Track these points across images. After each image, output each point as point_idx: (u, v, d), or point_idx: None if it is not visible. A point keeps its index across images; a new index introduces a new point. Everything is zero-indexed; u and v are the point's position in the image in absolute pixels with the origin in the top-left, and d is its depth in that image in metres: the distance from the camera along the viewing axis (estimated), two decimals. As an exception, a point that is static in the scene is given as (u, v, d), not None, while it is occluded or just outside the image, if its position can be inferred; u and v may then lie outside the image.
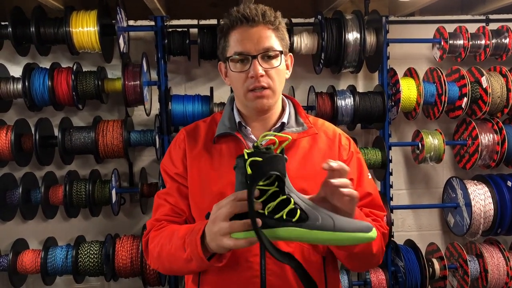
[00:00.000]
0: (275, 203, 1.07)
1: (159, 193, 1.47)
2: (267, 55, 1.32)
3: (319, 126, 1.47)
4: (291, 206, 1.07)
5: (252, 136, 1.41)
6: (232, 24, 1.34)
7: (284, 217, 1.06)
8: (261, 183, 1.07)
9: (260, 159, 1.05)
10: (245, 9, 1.34)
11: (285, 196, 1.07)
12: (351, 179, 1.27)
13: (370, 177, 1.47)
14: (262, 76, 1.31)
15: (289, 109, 1.46)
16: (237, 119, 1.43)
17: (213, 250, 1.16)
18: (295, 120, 1.44)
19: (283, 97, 1.49)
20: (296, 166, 1.36)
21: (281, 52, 1.35)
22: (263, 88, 1.33)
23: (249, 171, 1.05)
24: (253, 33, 1.32)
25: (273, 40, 1.33)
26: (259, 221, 1.04)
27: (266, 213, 1.07)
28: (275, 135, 1.18)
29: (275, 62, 1.33)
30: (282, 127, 1.42)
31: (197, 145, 1.44)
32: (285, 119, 1.42)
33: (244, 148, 1.33)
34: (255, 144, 1.10)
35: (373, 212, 1.41)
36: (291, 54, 1.45)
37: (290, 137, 1.16)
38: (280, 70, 1.35)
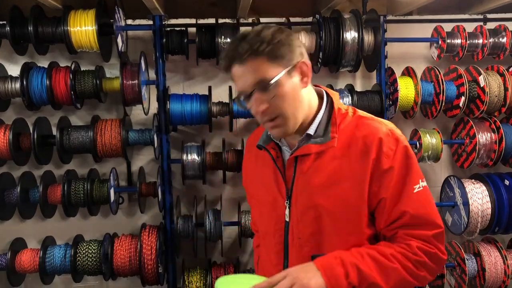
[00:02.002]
0: None
1: None
2: (262, 87, 1.24)
3: (359, 131, 1.31)
4: None
5: (284, 147, 1.40)
6: (227, 65, 1.30)
7: None
8: None
9: None
10: (229, 48, 1.27)
11: None
12: (382, 198, 1.27)
13: (419, 188, 1.29)
14: (264, 111, 1.26)
15: (321, 115, 1.35)
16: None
17: None
18: (324, 128, 1.33)
19: (324, 94, 1.39)
20: (319, 181, 1.31)
21: (269, 84, 1.24)
22: (272, 119, 1.28)
23: None
24: (243, 71, 1.25)
25: (265, 69, 1.24)
26: None
27: None
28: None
29: (274, 90, 1.24)
30: (309, 138, 1.34)
31: (251, 154, 1.52)
32: (311, 130, 1.33)
33: (273, 160, 1.39)
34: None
35: (410, 233, 1.27)
36: (304, 60, 1.30)
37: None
38: (285, 94, 1.25)
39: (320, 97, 1.38)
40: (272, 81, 1.24)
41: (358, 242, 1.31)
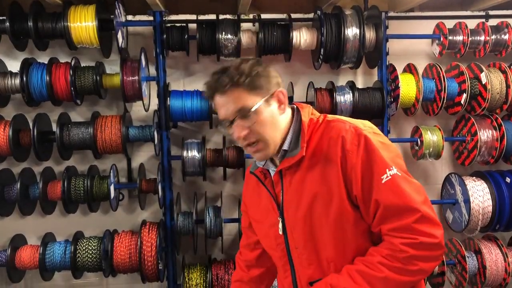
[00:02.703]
0: None
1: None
2: (243, 115, 1.34)
3: (323, 134, 1.38)
4: None
5: (272, 169, 1.48)
6: (209, 95, 1.40)
7: None
8: None
9: None
10: (211, 79, 1.38)
11: None
12: (355, 196, 1.30)
13: (387, 178, 1.28)
14: (245, 137, 1.36)
15: (292, 131, 1.43)
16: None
17: None
18: (295, 142, 1.41)
19: (295, 110, 1.46)
20: (302, 191, 1.38)
21: (249, 111, 1.33)
22: (252, 144, 1.37)
23: None
24: (223, 101, 1.36)
25: (245, 99, 1.34)
26: None
27: None
28: None
29: (253, 117, 1.34)
30: (285, 153, 1.42)
31: (249, 179, 1.59)
32: (286, 146, 1.42)
33: (261, 182, 1.49)
34: None
35: (391, 227, 1.27)
36: (280, 90, 1.40)
37: None
38: (263, 120, 1.35)
39: (293, 114, 1.46)
40: (252, 109, 1.34)
41: (354, 242, 1.34)
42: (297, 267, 1.45)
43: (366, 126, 1.37)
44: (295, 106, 1.47)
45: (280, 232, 1.44)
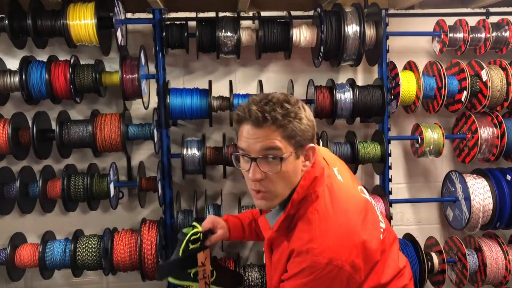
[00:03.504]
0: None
1: None
2: (268, 158, 1.26)
3: (294, 224, 1.37)
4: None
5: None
6: (239, 119, 1.30)
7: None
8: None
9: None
10: (252, 106, 1.26)
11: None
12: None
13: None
14: (260, 180, 1.28)
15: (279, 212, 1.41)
16: None
17: None
18: (276, 211, 1.44)
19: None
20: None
21: (281, 159, 1.26)
22: (261, 191, 1.31)
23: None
24: (255, 134, 1.26)
25: (277, 143, 1.26)
26: None
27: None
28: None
29: (277, 167, 1.27)
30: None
31: None
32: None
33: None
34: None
35: None
36: (312, 145, 1.34)
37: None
38: (284, 173, 1.28)
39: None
40: (283, 156, 1.25)
41: None
42: None
43: (323, 247, 1.30)
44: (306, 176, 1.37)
45: None
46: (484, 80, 2.64)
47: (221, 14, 2.56)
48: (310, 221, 1.33)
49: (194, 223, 1.79)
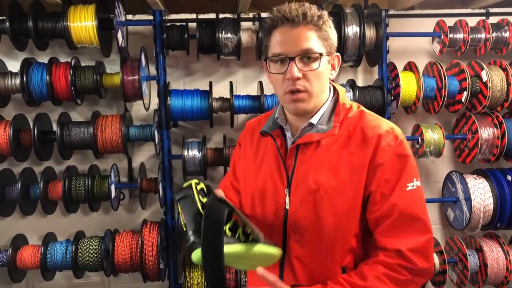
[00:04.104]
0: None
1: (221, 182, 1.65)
2: (306, 56, 1.28)
3: (360, 124, 1.34)
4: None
5: (288, 133, 1.42)
6: (273, 24, 1.30)
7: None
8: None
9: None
10: (286, 8, 1.29)
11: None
12: (371, 192, 1.27)
13: (413, 186, 1.28)
14: (298, 79, 1.28)
15: (326, 107, 1.38)
16: (278, 116, 1.44)
17: None
18: (327, 118, 1.37)
19: (331, 87, 1.43)
20: (319, 170, 1.32)
21: (321, 54, 1.29)
22: (299, 91, 1.29)
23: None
24: (293, 34, 1.28)
25: (314, 41, 1.28)
26: None
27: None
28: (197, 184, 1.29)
29: (314, 64, 1.28)
30: (311, 127, 1.36)
31: (253, 139, 1.51)
32: (314, 120, 1.36)
33: (277, 148, 1.40)
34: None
35: (392, 241, 1.25)
36: (338, 54, 1.38)
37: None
38: (320, 72, 1.30)
39: (328, 91, 1.42)
40: (322, 53, 1.28)
41: (353, 235, 1.32)
42: (291, 247, 1.36)
43: (400, 130, 1.37)
44: (331, 85, 1.43)
45: (287, 207, 1.35)
46: (484, 80, 2.65)
47: (221, 16, 2.56)
48: (366, 113, 1.39)
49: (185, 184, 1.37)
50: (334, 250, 1.32)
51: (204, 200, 1.23)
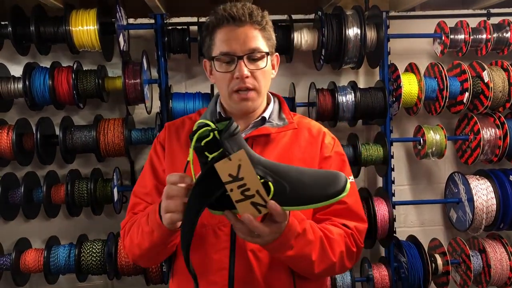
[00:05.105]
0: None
1: (136, 191, 1.49)
2: (253, 56, 1.31)
3: (304, 124, 1.48)
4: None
5: None
6: (218, 22, 1.34)
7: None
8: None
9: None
10: (232, 8, 1.32)
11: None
12: None
13: (351, 180, 1.38)
14: (247, 77, 1.31)
15: (274, 105, 1.48)
16: (221, 111, 1.45)
17: (164, 224, 1.17)
18: (277, 115, 1.46)
19: (269, 93, 1.50)
20: (274, 160, 1.32)
21: (267, 54, 1.34)
22: (248, 89, 1.32)
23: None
24: (240, 33, 1.31)
25: (260, 41, 1.32)
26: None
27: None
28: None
29: (261, 63, 1.33)
30: (263, 121, 1.42)
31: (179, 141, 1.45)
32: (266, 114, 1.43)
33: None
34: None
35: (344, 223, 1.34)
36: (277, 54, 1.45)
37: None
38: (266, 71, 1.35)
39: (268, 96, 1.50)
40: (268, 54, 1.33)
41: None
42: (240, 252, 1.31)
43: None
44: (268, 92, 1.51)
45: None
46: (485, 81, 2.64)
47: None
48: (303, 116, 1.54)
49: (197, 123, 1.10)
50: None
51: (210, 156, 1.05)
